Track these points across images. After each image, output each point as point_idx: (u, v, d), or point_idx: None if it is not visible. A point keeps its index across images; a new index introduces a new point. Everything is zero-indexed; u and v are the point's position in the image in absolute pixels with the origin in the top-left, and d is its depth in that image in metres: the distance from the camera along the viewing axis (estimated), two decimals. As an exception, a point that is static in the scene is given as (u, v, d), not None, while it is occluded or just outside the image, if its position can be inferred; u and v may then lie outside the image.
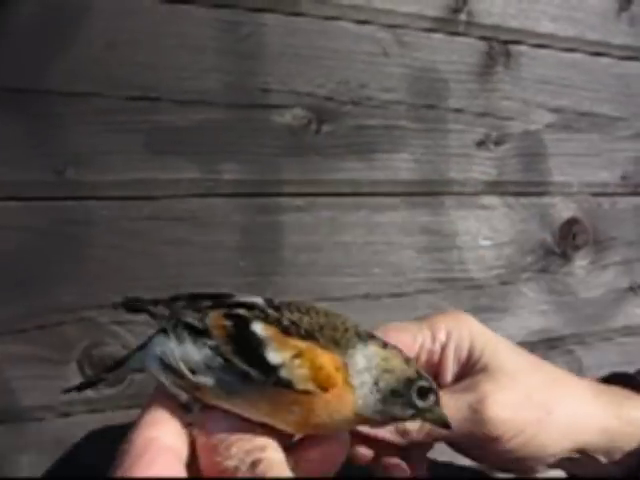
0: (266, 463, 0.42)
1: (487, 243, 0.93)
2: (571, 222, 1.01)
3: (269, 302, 0.50)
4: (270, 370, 0.43)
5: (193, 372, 0.44)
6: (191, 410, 0.45)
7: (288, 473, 0.42)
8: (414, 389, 0.46)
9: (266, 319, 0.46)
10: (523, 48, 0.97)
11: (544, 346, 0.97)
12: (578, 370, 0.98)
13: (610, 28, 1.05)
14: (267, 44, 0.82)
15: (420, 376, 0.47)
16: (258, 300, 0.50)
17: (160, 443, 0.43)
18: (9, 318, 0.73)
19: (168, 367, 0.45)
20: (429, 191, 0.89)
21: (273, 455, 0.43)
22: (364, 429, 0.57)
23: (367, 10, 0.87)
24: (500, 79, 0.94)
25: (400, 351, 0.48)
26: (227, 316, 0.46)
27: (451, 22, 0.92)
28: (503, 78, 0.94)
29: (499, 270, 0.94)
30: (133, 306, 0.52)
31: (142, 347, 0.51)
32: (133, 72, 0.77)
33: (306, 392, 0.43)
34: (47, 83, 0.74)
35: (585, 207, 1.02)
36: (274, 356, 0.44)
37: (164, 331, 0.48)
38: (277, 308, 0.49)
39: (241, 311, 0.47)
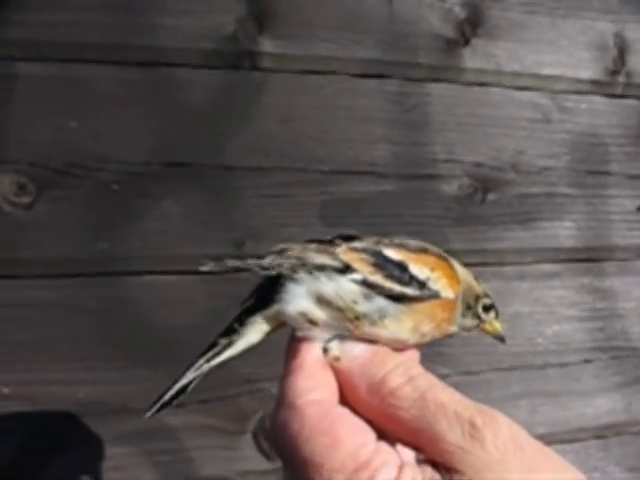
0: (424, 378, 0.41)
1: (649, 310, 0.90)
2: None
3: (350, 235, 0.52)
4: (421, 285, 0.47)
5: (355, 303, 0.46)
6: (330, 349, 0.46)
7: (447, 391, 0.41)
8: (480, 304, 0.51)
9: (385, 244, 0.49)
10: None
11: None
12: None
13: None
14: (432, 114, 0.82)
15: (486, 294, 0.52)
16: (349, 233, 0.52)
17: (331, 405, 0.42)
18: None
19: (325, 302, 0.46)
20: (591, 257, 0.87)
21: (423, 370, 0.43)
22: None
23: (527, 76, 0.86)
24: (659, 141, 0.92)
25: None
26: (352, 250, 0.48)
27: (610, 84, 0.90)
28: (663, 140, 0.92)
29: (662, 338, 0.90)
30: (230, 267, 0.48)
31: (251, 309, 0.49)
32: (306, 145, 0.78)
33: (448, 299, 0.48)
34: (224, 158, 0.77)
35: None
36: (419, 273, 0.47)
37: (270, 278, 0.47)
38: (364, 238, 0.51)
39: (358, 244, 0.48)
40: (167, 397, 0.47)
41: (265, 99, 0.77)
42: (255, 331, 0.49)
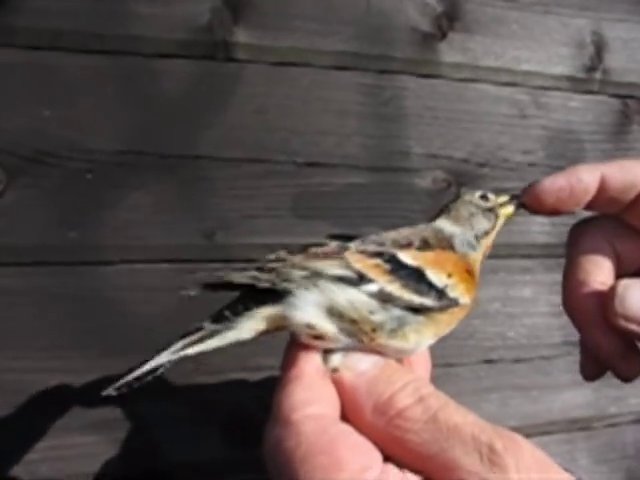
0: (436, 398, 0.38)
1: (621, 306, 0.90)
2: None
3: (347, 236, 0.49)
4: (440, 294, 0.44)
5: (371, 314, 0.42)
6: (331, 361, 0.42)
7: (461, 411, 0.37)
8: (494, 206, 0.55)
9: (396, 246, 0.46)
10: (657, 105, 0.95)
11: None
12: None
13: None
14: (407, 107, 0.82)
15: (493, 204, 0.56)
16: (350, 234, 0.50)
17: (331, 421, 0.38)
18: (158, 379, 0.74)
19: (336, 314, 0.42)
20: (565, 254, 0.88)
21: (435, 390, 0.39)
22: None
23: (504, 72, 0.86)
24: (635, 138, 0.92)
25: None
26: (363, 254, 0.44)
27: (587, 81, 0.90)
28: (638, 137, 0.92)
29: (633, 334, 0.91)
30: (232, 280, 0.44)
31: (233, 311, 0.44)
32: (279, 137, 0.78)
33: (465, 305, 0.45)
34: (197, 149, 0.76)
35: None
36: (437, 280, 0.44)
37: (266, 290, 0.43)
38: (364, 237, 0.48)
39: (371, 247, 0.45)
40: (132, 376, 0.42)
41: (239, 90, 0.77)
42: (249, 327, 0.43)
